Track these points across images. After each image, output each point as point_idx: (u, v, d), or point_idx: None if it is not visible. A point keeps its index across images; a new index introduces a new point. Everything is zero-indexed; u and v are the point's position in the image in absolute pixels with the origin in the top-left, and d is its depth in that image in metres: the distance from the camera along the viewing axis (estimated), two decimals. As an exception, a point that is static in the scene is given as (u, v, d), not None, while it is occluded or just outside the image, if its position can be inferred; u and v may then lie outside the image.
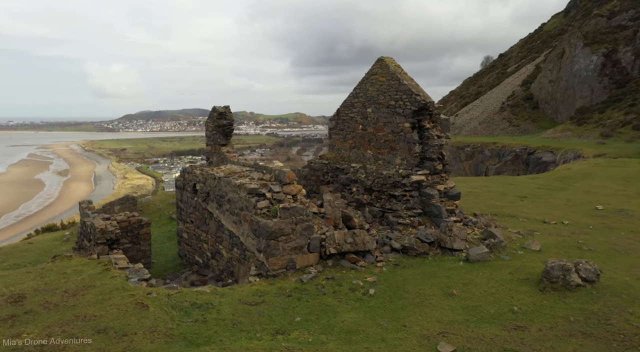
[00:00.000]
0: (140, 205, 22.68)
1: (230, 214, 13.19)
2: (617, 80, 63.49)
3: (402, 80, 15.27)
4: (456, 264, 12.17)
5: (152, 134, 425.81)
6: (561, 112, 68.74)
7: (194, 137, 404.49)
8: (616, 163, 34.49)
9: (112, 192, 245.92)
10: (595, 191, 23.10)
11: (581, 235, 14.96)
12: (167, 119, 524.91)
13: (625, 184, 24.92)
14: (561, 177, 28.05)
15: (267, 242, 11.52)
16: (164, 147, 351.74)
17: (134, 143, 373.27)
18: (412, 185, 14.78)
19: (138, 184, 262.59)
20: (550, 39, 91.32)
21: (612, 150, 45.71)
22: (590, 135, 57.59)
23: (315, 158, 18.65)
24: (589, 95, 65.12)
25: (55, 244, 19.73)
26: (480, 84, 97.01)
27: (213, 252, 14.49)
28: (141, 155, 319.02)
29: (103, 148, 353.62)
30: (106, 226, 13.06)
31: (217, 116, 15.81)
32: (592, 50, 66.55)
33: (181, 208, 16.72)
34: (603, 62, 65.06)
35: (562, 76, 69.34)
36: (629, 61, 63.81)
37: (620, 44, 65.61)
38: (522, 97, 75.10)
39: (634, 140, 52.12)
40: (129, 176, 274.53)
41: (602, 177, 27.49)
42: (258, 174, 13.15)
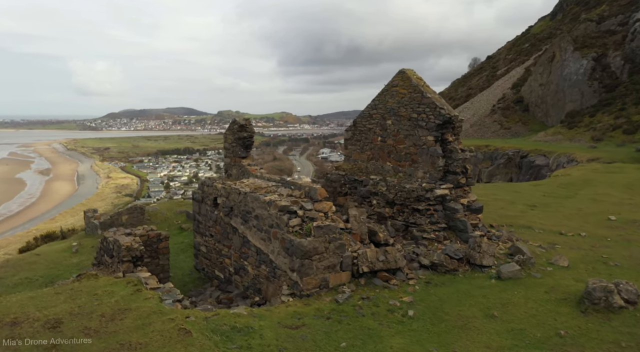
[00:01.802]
0: (148, 214, 22.30)
1: (258, 231, 12.99)
2: (606, 85, 64.41)
3: (425, 93, 15.20)
4: (488, 281, 12.15)
5: (136, 133, 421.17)
6: (551, 115, 69.56)
7: (179, 136, 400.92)
8: (614, 169, 34.93)
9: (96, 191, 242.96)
10: (602, 199, 23.34)
11: (602, 248, 15.07)
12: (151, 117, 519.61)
13: (630, 192, 25.24)
14: (564, 184, 28.31)
15: (301, 261, 11.36)
16: (149, 146, 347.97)
17: (117, 142, 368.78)
18: (436, 199, 14.73)
19: (122, 183, 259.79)
20: (539, 42, 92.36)
21: (604, 155, 46.33)
22: (581, 139, 58.38)
23: (331, 169, 18.51)
24: (579, 99, 65.99)
25: (63, 255, 19.32)
26: (470, 86, 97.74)
27: (237, 268, 14.27)
28: (125, 155, 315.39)
29: (86, 147, 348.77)
30: (131, 243, 12.77)
31: (238, 128, 15.58)
32: (582, 54, 67.45)
33: (199, 221, 16.45)
34: (593, 66, 65.98)
35: (552, 80, 70.15)
36: (618, 66, 64.79)
37: (610, 49, 66.61)
38: (513, 100, 75.83)
39: (624, 144, 52.94)
40: (113, 175, 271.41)
41: (605, 184, 27.82)
42: (286, 190, 12.97)
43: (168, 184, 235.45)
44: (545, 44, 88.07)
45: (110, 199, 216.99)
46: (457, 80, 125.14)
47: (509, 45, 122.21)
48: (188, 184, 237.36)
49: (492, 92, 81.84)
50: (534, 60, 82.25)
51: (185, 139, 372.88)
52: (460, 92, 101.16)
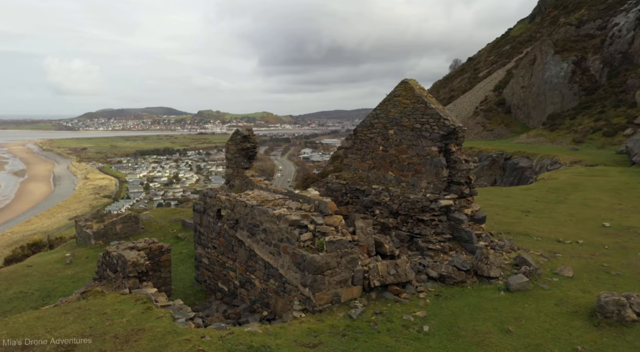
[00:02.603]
0: (142, 223, 21.92)
1: (266, 244, 12.86)
2: (586, 88, 65.81)
3: (428, 103, 15.27)
4: (497, 294, 12.25)
5: (115, 133, 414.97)
6: (533, 117, 70.75)
7: (158, 136, 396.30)
8: (598, 172, 35.67)
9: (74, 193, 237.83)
10: (592, 204, 23.79)
11: (602, 257, 15.33)
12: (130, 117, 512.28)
13: (618, 196, 25.77)
14: (553, 188, 28.79)
15: (313, 277, 11.28)
16: (127, 147, 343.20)
17: (95, 142, 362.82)
18: (441, 209, 14.80)
19: (101, 184, 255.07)
20: (519, 44, 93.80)
21: (587, 157, 47.29)
22: (562, 141, 59.50)
23: (332, 178, 18.46)
24: (559, 101, 67.27)
25: (57, 267, 18.87)
26: (452, 88, 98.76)
27: (242, 281, 14.11)
28: (103, 155, 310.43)
29: (62, 147, 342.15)
30: (137, 258, 12.52)
31: (241, 139, 15.41)
32: (562, 57, 68.78)
33: (200, 232, 16.22)
34: (573, 70, 67.35)
35: (533, 82, 71.36)
36: (598, 69, 66.24)
37: (589, 52, 68.05)
38: (495, 102, 76.88)
39: (604, 146, 54.16)
40: (91, 176, 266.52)
41: (592, 188, 28.37)
42: (295, 203, 12.87)
43: (148, 185, 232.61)
44: (525, 46, 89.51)
45: (89, 200, 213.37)
46: (439, 81, 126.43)
47: (489, 47, 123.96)
48: (168, 185, 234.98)
49: (475, 94, 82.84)
50: (515, 63, 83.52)
51: (165, 139, 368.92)
52: (443, 94, 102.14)
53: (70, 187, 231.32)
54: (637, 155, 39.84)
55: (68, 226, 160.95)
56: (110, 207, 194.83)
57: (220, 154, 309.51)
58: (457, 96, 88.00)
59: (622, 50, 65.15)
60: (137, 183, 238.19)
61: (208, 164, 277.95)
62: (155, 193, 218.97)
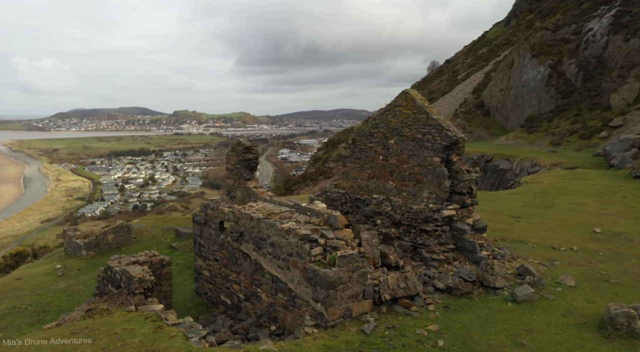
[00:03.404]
0: (134, 232, 21.48)
1: (274, 258, 12.75)
2: (562, 91, 67.29)
3: (430, 114, 15.37)
4: (505, 305, 12.40)
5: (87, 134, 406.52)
6: (511, 119, 72.03)
7: (133, 137, 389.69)
8: (579, 175, 36.50)
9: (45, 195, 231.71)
10: (580, 209, 24.32)
11: (598, 264, 15.69)
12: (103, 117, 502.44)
13: (602, 201, 26.40)
14: (539, 193, 29.34)
15: (326, 292, 11.23)
16: (101, 147, 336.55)
17: (67, 143, 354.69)
18: (444, 220, 14.92)
19: (74, 186, 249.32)
20: (496, 48, 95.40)
21: (565, 160, 48.36)
22: (541, 143, 60.72)
23: (330, 187, 18.42)
24: (537, 104, 68.65)
25: (48, 279, 18.34)
26: (431, 90, 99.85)
27: (247, 295, 13.95)
28: (76, 156, 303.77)
29: (33, 148, 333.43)
30: (143, 274, 12.26)
31: (243, 150, 15.23)
32: (539, 61, 70.20)
33: (201, 244, 15.98)
34: (549, 73, 68.79)
35: (511, 85, 72.65)
36: (573, 73, 67.82)
37: (565, 56, 69.62)
38: (474, 104, 78.00)
39: (581, 149, 55.48)
40: (63, 177, 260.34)
41: (577, 192, 29.01)
42: (303, 216, 12.79)
43: (123, 187, 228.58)
44: (503, 50, 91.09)
45: (61, 203, 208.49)
46: (417, 83, 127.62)
47: (466, 50, 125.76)
48: (144, 187, 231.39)
49: (454, 97, 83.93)
50: (493, 66, 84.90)
51: (140, 140, 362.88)
52: (422, 95, 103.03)
53: (41, 189, 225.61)
54: (615, 158, 40.91)
55: (40, 229, 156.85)
56: (84, 209, 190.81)
57: (197, 155, 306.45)
58: (436, 98, 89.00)
59: (597, 54, 66.86)
60: (111, 185, 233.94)
61: (185, 165, 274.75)
62: (131, 195, 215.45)
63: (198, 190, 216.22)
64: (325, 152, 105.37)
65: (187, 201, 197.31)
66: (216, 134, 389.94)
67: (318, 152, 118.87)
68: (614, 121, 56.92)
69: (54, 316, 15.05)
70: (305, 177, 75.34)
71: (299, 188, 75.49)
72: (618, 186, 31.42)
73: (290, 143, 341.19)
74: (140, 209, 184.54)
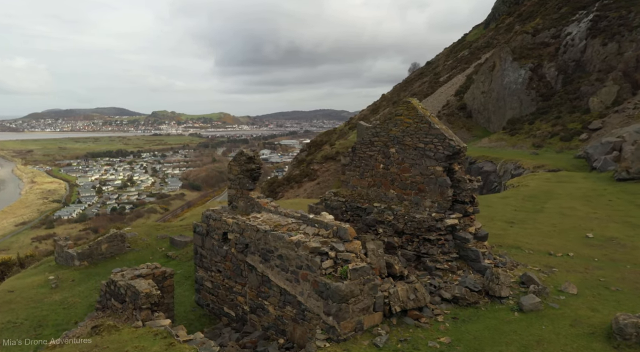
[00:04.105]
0: (128, 241, 21.10)
1: (282, 271, 12.66)
2: (543, 94, 68.54)
3: (432, 124, 15.47)
4: (512, 315, 12.54)
5: (63, 134, 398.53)
6: (493, 122, 73.09)
7: (110, 138, 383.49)
8: (564, 178, 37.19)
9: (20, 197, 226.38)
10: (569, 213, 24.77)
11: (595, 271, 15.98)
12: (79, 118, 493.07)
13: (590, 204, 26.95)
14: (528, 196, 29.80)
15: (338, 305, 11.20)
16: (77, 149, 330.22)
17: (42, 144, 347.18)
18: (447, 229, 15.03)
19: (49, 188, 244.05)
20: (477, 50, 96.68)
21: (548, 162, 49.25)
22: (523, 145, 61.76)
23: (330, 195, 18.38)
24: (518, 106, 69.78)
25: (42, 291, 17.88)
26: (413, 91, 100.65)
27: (253, 307, 13.82)
28: (51, 157, 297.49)
29: (5, 149, 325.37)
30: (150, 289, 12.04)
31: (246, 160, 15.08)
32: (520, 64, 71.38)
33: (202, 255, 15.78)
34: (530, 76, 70.01)
35: (493, 88, 73.71)
36: (553, 76, 69.13)
37: (545, 60, 70.93)
38: (457, 106, 78.92)
39: (562, 151, 56.57)
40: (38, 179, 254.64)
41: (565, 196, 29.55)
42: (311, 228, 12.72)
43: (100, 189, 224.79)
44: (483, 52, 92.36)
45: (36, 205, 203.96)
46: (399, 84, 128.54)
47: (446, 52, 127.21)
48: (122, 188, 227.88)
49: (437, 99, 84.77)
50: (474, 68, 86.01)
51: (118, 141, 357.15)
52: (404, 97, 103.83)
53: (15, 191, 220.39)
54: (597, 161, 41.82)
55: (14, 232, 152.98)
56: (60, 212, 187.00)
57: (177, 156, 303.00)
58: (419, 100, 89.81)
59: (575, 58, 68.28)
60: (88, 186, 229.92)
61: (164, 166, 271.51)
62: (109, 197, 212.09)
63: (178, 191, 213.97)
64: (308, 153, 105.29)
65: (166, 203, 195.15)
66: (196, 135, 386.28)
67: (300, 154, 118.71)
68: (593, 124, 58.22)
69: (51, 330, 14.68)
70: (290, 179, 75.17)
71: (283, 190, 75.28)
72: (602, 189, 32.12)
73: (271, 144, 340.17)
74: (119, 211, 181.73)
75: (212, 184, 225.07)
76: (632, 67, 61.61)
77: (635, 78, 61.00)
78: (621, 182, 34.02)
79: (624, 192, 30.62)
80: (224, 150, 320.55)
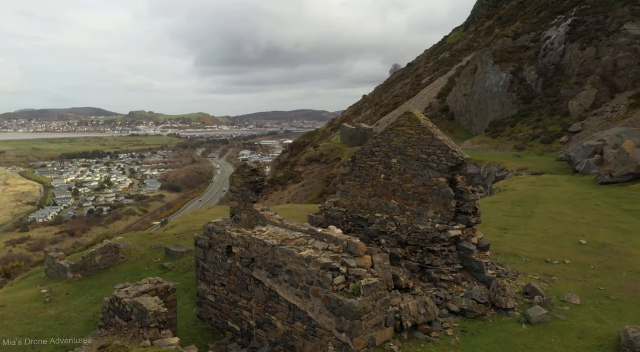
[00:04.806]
0: (122, 252, 20.67)
1: (292, 286, 12.54)
2: (524, 97, 69.68)
3: (435, 135, 15.54)
4: (520, 327, 12.67)
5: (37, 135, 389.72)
6: (475, 124, 74.03)
7: (86, 139, 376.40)
8: (549, 181, 37.88)
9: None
10: (559, 219, 25.19)
11: (594, 279, 16.27)
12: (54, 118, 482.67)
13: (577, 209, 27.46)
14: (517, 201, 30.23)
15: (352, 322, 11.15)
16: (52, 150, 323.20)
17: (14, 145, 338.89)
18: (451, 240, 15.11)
19: (23, 191, 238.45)
20: (458, 53, 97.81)
21: (531, 165, 50.06)
22: (505, 147, 62.70)
23: (330, 205, 18.31)
24: (500, 109, 70.79)
25: (35, 306, 17.38)
26: (396, 94, 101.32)
27: (260, 322, 13.67)
28: (25, 159, 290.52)
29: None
30: (159, 308, 11.80)
31: (250, 173, 14.91)
32: (501, 68, 72.45)
33: (204, 268, 15.54)
34: (511, 79, 71.11)
35: (475, 91, 74.66)
36: (534, 79, 70.34)
37: (525, 63, 72.15)
38: (439, 109, 79.70)
39: (544, 153, 57.62)
40: (12, 181, 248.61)
41: (552, 200, 30.07)
42: (321, 243, 12.64)
43: (77, 191, 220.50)
44: (464, 55, 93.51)
45: (10, 208, 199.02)
46: (381, 86, 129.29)
47: (427, 54, 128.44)
48: (100, 190, 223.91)
49: (419, 101, 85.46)
50: (456, 71, 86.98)
51: (94, 142, 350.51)
52: (386, 99, 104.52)
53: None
54: (580, 164, 42.68)
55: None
56: (35, 215, 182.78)
57: (155, 157, 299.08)
58: (402, 102, 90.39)
59: (555, 62, 69.58)
60: (64, 188, 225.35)
61: (142, 167, 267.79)
62: (86, 199, 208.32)
63: (157, 193, 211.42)
64: (290, 155, 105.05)
65: (146, 205, 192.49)
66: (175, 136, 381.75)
67: (283, 155, 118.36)
68: (573, 126, 59.44)
69: (50, 348, 14.28)
70: (274, 182, 74.85)
71: (267, 193, 74.92)
72: (587, 192, 32.77)
73: (251, 144, 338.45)
74: (97, 214, 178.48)
75: (192, 185, 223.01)
76: (609, 71, 63.12)
77: (613, 82, 62.52)
78: (605, 186, 34.80)
79: (609, 196, 31.31)
80: (203, 151, 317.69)
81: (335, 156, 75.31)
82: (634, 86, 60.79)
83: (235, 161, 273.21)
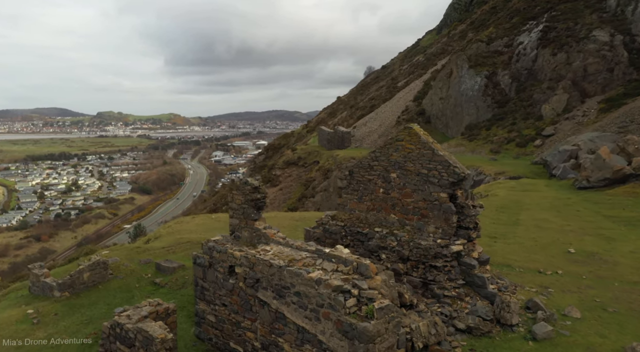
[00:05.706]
0: (110, 268, 20.01)
1: (300, 308, 12.32)
2: (498, 100, 71.02)
3: (436, 150, 15.57)
4: (526, 344, 12.80)
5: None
6: (451, 127, 75.05)
7: (52, 140, 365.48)
8: (528, 186, 38.64)
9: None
10: (545, 226, 25.68)
11: (588, 290, 16.60)
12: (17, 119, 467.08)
13: (560, 215, 28.06)
14: (500, 207, 30.69)
15: (365, 346, 11.01)
16: (15, 151, 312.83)
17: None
18: (452, 255, 15.15)
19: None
20: (433, 57, 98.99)
21: (508, 168, 51.03)
22: (481, 150, 63.77)
23: (327, 219, 18.14)
24: (475, 113, 71.96)
25: (23, 328, 16.63)
26: (372, 96, 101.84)
27: (265, 344, 13.39)
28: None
29: None
30: (165, 334, 11.42)
31: (251, 190, 14.62)
32: (476, 72, 73.67)
33: (204, 287, 15.14)
34: (486, 83, 72.39)
35: (451, 94, 75.70)
36: (507, 83, 71.77)
37: (499, 68, 73.54)
38: (416, 112, 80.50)
39: (519, 156, 58.85)
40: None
41: (535, 206, 30.66)
42: (329, 264, 12.46)
43: (42, 194, 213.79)
44: (439, 58, 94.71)
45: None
46: (355, 88, 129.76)
47: (401, 56, 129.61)
48: (67, 193, 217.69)
49: (396, 104, 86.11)
50: (431, 75, 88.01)
51: (60, 143, 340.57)
52: (362, 102, 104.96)
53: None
54: (556, 168, 43.70)
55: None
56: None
57: (125, 159, 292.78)
58: (378, 105, 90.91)
59: (527, 66, 71.19)
60: (29, 192, 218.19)
61: (111, 169, 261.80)
62: (52, 202, 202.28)
63: (127, 195, 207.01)
64: (266, 157, 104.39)
65: (115, 208, 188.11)
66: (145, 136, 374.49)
67: (258, 157, 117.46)
68: (546, 130, 60.93)
69: (43, 376, 13.68)
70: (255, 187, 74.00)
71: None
72: (567, 198, 33.54)
73: (223, 145, 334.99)
74: (64, 217, 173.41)
75: (164, 188, 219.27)
76: (580, 76, 64.95)
77: (583, 87, 64.36)
78: (582, 191, 35.71)
79: (588, 201, 32.12)
80: (174, 152, 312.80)
81: (313, 159, 75.17)
82: (603, 91, 62.74)
83: (208, 162, 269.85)
